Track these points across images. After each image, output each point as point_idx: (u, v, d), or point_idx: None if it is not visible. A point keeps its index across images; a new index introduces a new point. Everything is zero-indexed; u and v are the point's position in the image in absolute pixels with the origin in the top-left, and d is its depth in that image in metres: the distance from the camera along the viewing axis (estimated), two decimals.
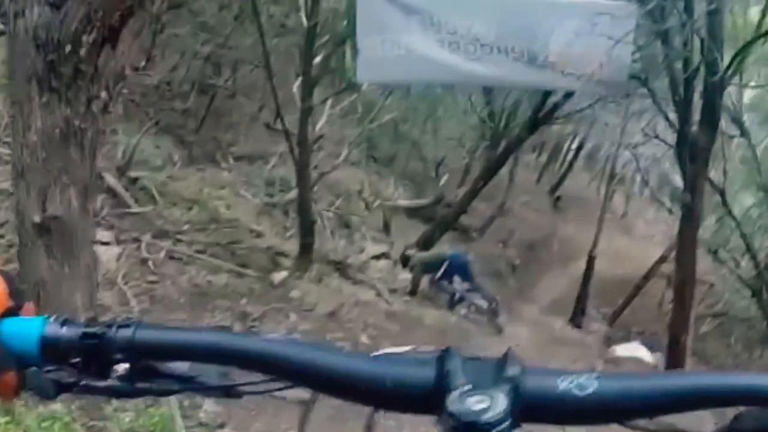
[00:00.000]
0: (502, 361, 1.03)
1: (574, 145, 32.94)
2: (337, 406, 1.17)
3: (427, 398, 1.03)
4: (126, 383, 1.16)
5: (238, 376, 1.18)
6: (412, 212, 21.71)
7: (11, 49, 5.47)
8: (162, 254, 11.55)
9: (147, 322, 1.16)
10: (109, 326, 1.15)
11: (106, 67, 5.57)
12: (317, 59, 13.07)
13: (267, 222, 15.67)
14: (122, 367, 1.16)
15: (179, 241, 12.36)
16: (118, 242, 11.42)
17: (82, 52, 5.33)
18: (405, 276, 16.49)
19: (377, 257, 17.24)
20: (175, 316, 9.73)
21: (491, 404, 0.96)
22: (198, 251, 12.11)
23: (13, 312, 1.20)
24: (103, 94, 5.54)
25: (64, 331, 1.17)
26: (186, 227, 12.97)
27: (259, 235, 14.58)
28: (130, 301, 9.67)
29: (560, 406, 1.02)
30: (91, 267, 5.97)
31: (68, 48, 5.27)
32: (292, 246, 14.15)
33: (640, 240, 27.94)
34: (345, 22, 13.32)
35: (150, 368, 1.17)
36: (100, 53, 5.47)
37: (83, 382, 1.17)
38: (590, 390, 1.01)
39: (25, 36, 5.29)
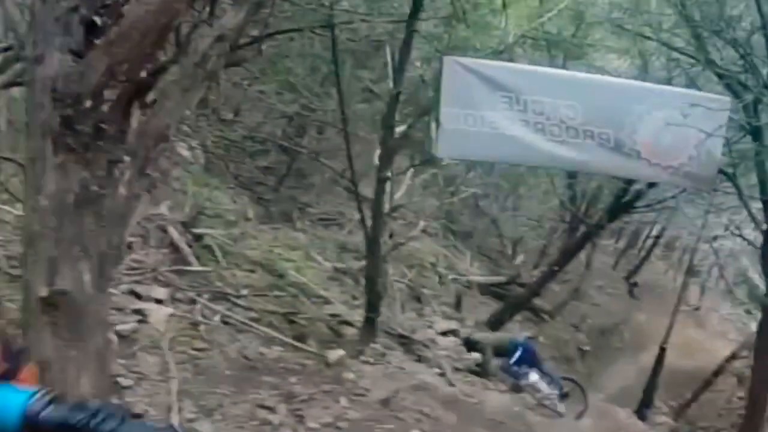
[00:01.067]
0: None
1: (654, 233, 31.94)
2: None
3: None
4: None
5: None
6: (485, 289, 20.85)
7: (29, 99, 4.67)
8: (216, 318, 10.69)
9: (135, 415, 1.60)
10: (96, 413, 1.32)
11: (145, 125, 4.79)
12: (399, 128, 12.25)
13: (335, 289, 14.85)
14: None
15: (236, 305, 11.48)
16: (173, 301, 10.61)
17: (105, 107, 4.52)
18: (473, 354, 15.33)
19: (445, 334, 16.25)
20: (218, 390, 8.83)
21: None
22: (254, 318, 11.20)
23: (6, 376, 1.36)
24: (126, 158, 4.70)
25: (49, 411, 1.34)
26: (245, 291, 12.08)
27: (325, 301, 13.73)
28: (171, 369, 8.77)
29: None
30: (103, 350, 5.12)
31: (88, 102, 4.46)
32: (359, 316, 13.25)
33: (713, 335, 26.86)
34: (430, 94, 12.54)
35: None
36: (128, 111, 4.67)
37: None
38: None
39: (42, 86, 4.49)
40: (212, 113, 17.13)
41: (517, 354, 14.96)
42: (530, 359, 15.20)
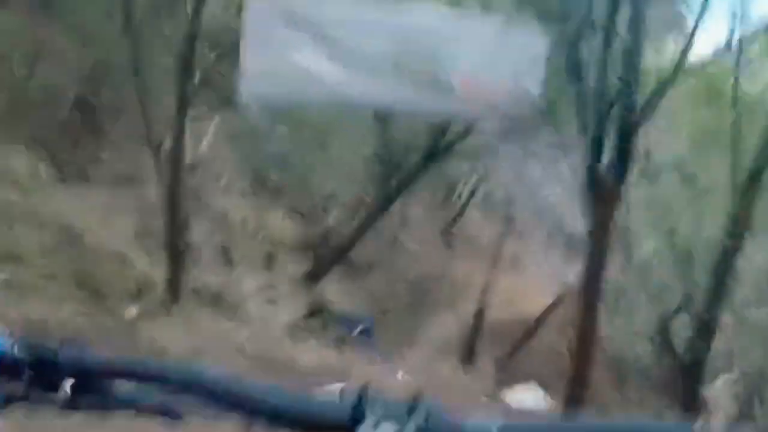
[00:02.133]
0: (414, 401, 1.08)
1: (471, 185, 31.79)
2: None
3: (340, 428, 1.09)
4: (71, 398, 1.20)
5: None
6: (299, 246, 20.15)
7: None
8: None
9: None
10: (60, 344, 1.20)
11: None
12: (197, 74, 11.40)
13: (137, 250, 13.91)
14: (69, 383, 1.19)
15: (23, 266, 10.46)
16: None
17: None
18: (287, 313, 15.12)
19: (258, 292, 15.56)
20: None
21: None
22: (43, 280, 10.19)
23: None
24: None
25: (16, 348, 1.20)
26: (32, 250, 11.04)
27: (124, 262, 12.81)
28: None
29: None
30: None
31: None
32: (162, 276, 12.42)
33: (533, 285, 26.82)
34: (230, 35, 11.74)
35: (97, 386, 1.22)
36: None
37: (31, 395, 1.20)
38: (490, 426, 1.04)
39: None
40: (6, 70, 15.93)
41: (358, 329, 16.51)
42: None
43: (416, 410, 1.06)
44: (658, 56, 13.58)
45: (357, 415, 1.08)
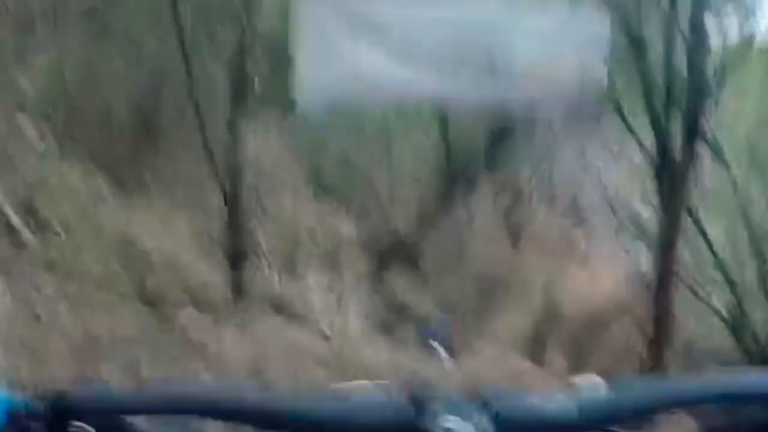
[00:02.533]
0: (476, 390, 1.07)
1: (535, 176, 31.49)
2: None
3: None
4: None
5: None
6: (364, 245, 19.96)
7: None
8: (51, 293, 9.53)
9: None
10: (69, 388, 1.12)
11: None
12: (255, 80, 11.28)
13: (199, 257, 13.82)
14: (78, 424, 1.12)
15: (76, 276, 10.34)
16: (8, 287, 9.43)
17: None
18: (353, 316, 15.26)
19: (322, 292, 15.38)
20: (57, 375, 7.73)
21: (476, 426, 1.00)
22: (102, 290, 10.08)
23: None
24: None
25: (30, 403, 1.12)
26: (88, 258, 10.92)
27: (185, 270, 12.71)
28: None
29: (540, 425, 1.06)
30: None
31: None
32: (223, 279, 12.32)
33: (603, 275, 26.50)
34: (284, 40, 11.56)
35: (112, 427, 1.14)
36: None
37: None
38: (572, 406, 1.07)
39: None
40: (61, 90, 15.94)
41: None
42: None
43: (485, 402, 1.04)
44: (722, 35, 13.23)
45: (421, 415, 1.03)
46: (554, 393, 1.09)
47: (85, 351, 8.48)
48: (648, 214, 16.40)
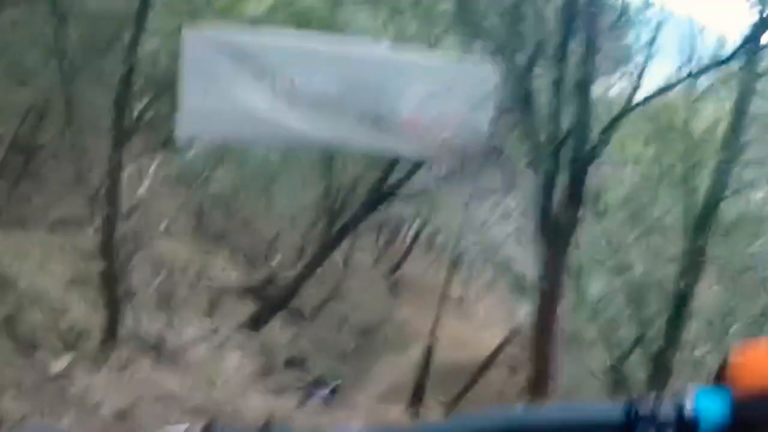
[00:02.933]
0: (265, 426, 1.48)
1: (414, 228, 31.39)
2: None
3: None
4: None
5: None
6: (241, 291, 19.56)
7: None
8: None
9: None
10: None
11: None
12: (135, 110, 10.82)
13: (75, 296, 13.22)
14: None
15: None
16: None
17: None
18: (230, 363, 14.54)
19: (200, 339, 14.86)
20: None
21: None
22: None
23: None
24: None
25: None
26: None
27: (61, 309, 12.13)
28: None
29: None
30: None
31: None
32: (100, 324, 11.74)
33: (480, 326, 26.53)
34: (170, 71, 11.19)
35: None
36: None
37: None
38: None
39: None
40: None
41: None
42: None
43: None
44: (607, 93, 13.22)
45: None
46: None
47: None
48: (529, 269, 16.31)
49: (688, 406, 1.20)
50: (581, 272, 13.55)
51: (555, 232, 10.99)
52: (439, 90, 9.98)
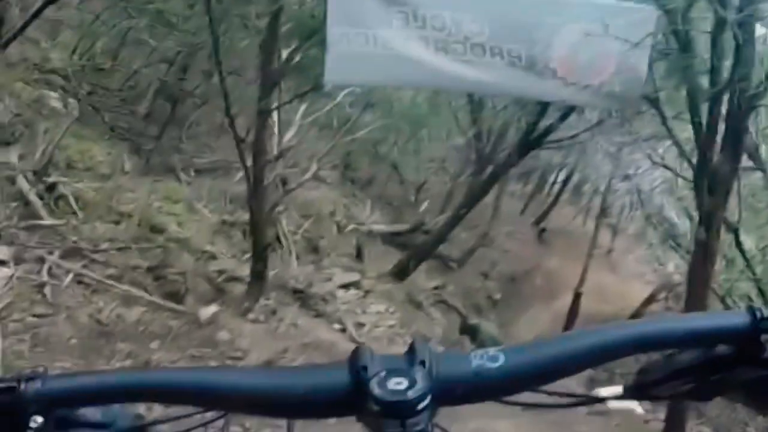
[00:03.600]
0: (412, 349, 1.06)
1: (562, 177, 30.87)
2: None
3: (345, 397, 1.04)
4: None
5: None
6: (387, 238, 19.38)
7: None
8: (68, 279, 8.82)
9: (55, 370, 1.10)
10: (18, 380, 1.06)
11: None
12: (283, 55, 10.58)
13: (223, 243, 13.21)
14: (37, 420, 1.05)
15: (94, 261, 9.61)
16: (17, 262, 8.73)
17: None
18: (376, 308, 14.36)
19: (346, 286, 14.87)
20: (58, 363, 7.02)
21: (411, 383, 1.00)
22: (114, 276, 9.34)
23: None
24: None
25: None
26: (106, 245, 10.19)
27: (210, 256, 12.09)
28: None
29: (475, 381, 1.05)
30: None
31: None
32: (249, 271, 11.63)
33: (628, 278, 25.97)
34: (316, 13, 10.92)
35: (65, 418, 1.10)
36: None
37: None
38: (501, 361, 1.05)
39: None
40: (88, 61, 15.33)
41: None
42: None
43: (418, 358, 1.03)
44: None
45: (359, 379, 1.01)
46: (489, 350, 1.04)
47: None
48: (683, 222, 15.69)
49: None
50: (739, 225, 12.86)
51: (714, 183, 10.39)
52: (595, 31, 9.46)
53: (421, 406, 0.98)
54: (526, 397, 1.13)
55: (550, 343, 1.10)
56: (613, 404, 14.34)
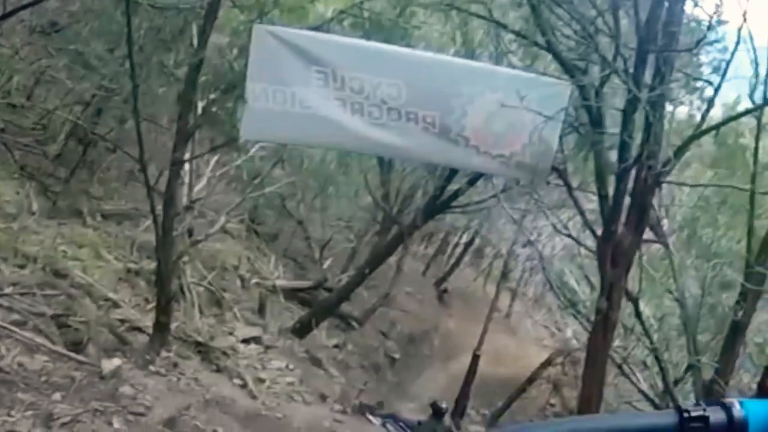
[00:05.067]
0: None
1: (464, 240, 31.09)
2: None
3: None
4: None
5: None
6: (291, 294, 19.26)
7: None
8: None
9: None
10: None
11: None
12: (200, 107, 10.48)
13: (127, 291, 13.02)
14: None
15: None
16: None
17: None
18: (277, 364, 14.19)
19: (247, 341, 14.65)
20: None
21: None
22: (17, 322, 9.08)
23: None
24: None
25: None
26: (9, 289, 9.90)
27: (113, 304, 11.87)
28: None
29: None
30: None
31: None
32: (151, 321, 11.41)
33: (525, 341, 26.29)
34: (238, 68, 10.88)
35: None
36: None
37: None
38: None
39: None
40: (2, 98, 15.03)
41: None
42: None
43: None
44: (675, 117, 12.83)
45: None
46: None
47: None
48: (584, 290, 15.91)
49: (737, 412, 1.22)
50: (639, 295, 13.02)
51: (617, 254, 10.53)
52: (511, 102, 9.49)
53: None
54: None
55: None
56: None
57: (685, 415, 1.20)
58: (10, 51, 13.88)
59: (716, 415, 1.21)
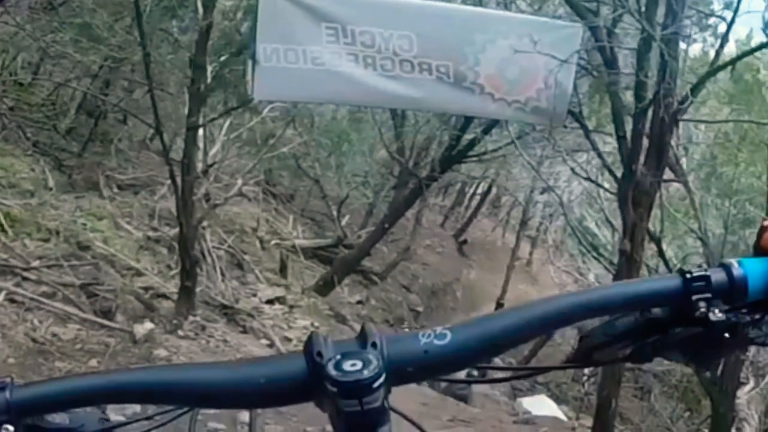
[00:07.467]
0: (363, 333, 1.14)
1: (481, 190, 31.08)
2: None
3: (303, 384, 1.10)
4: None
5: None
6: (311, 253, 19.44)
7: None
8: (0, 297, 8.78)
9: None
10: None
11: None
12: (210, 70, 10.61)
13: (148, 259, 13.21)
14: (9, 429, 1.08)
15: (26, 279, 9.57)
16: None
17: None
18: (302, 322, 14.29)
19: (271, 301, 14.84)
20: None
21: (365, 364, 1.06)
22: (47, 294, 9.31)
23: None
24: None
25: None
26: (37, 262, 10.14)
27: (136, 273, 12.06)
28: None
29: (425, 359, 1.12)
30: None
31: None
32: (175, 287, 11.68)
33: (548, 288, 26.25)
34: (246, 29, 10.96)
35: (34, 426, 1.13)
36: None
37: None
38: (449, 339, 1.13)
39: None
40: (9, 76, 15.15)
41: None
42: None
43: (369, 340, 1.10)
44: (688, 55, 12.89)
45: (315, 364, 1.07)
46: (436, 329, 1.14)
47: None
48: (604, 234, 16.01)
49: (736, 271, 1.26)
50: (661, 235, 13.11)
51: (638, 195, 10.61)
52: (523, 47, 9.60)
53: (376, 384, 1.04)
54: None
55: (494, 318, 1.17)
56: (540, 412, 14.63)
57: (688, 276, 1.24)
58: (15, 28, 14.02)
59: (717, 275, 1.26)
